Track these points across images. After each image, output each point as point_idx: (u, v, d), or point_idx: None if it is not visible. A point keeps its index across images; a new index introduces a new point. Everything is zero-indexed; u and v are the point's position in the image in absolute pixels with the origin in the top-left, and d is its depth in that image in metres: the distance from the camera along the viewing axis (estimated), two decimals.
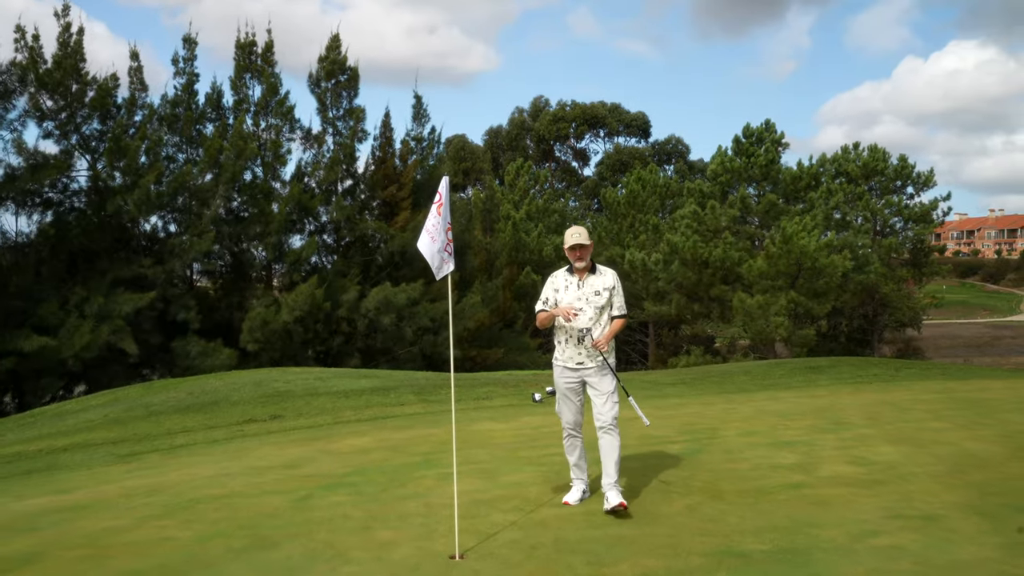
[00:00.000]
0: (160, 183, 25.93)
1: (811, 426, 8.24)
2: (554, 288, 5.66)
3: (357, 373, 14.18)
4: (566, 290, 5.59)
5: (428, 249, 5.03)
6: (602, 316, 5.57)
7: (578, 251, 5.52)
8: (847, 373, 13.41)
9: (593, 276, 5.62)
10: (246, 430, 9.42)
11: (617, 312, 5.64)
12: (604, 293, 5.56)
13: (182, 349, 24.98)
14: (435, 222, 5.05)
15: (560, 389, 5.67)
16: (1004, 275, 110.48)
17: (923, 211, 47.65)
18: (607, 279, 5.63)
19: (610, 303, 5.60)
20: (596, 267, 5.66)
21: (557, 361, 5.69)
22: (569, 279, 5.63)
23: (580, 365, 5.56)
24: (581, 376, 5.59)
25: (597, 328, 5.53)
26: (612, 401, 5.55)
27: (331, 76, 29.85)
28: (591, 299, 5.53)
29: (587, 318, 5.51)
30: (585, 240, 5.52)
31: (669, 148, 79.58)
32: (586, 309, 5.51)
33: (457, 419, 9.53)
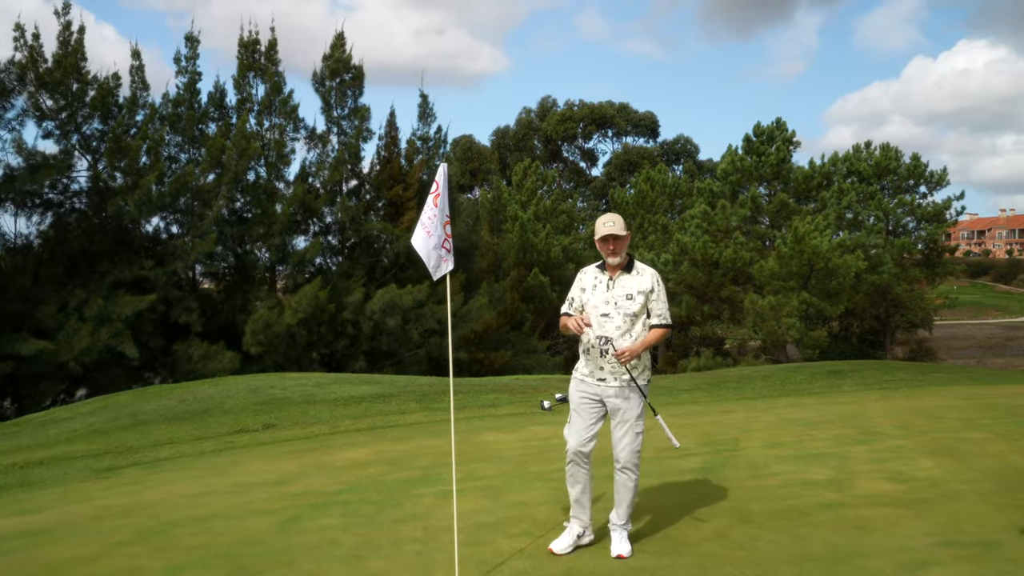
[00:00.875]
0: (162, 184, 25.48)
1: (840, 436, 7.70)
2: (581, 287, 4.88)
3: (357, 379, 13.64)
4: (594, 290, 4.79)
5: (423, 246, 4.51)
6: (635, 326, 4.69)
7: (611, 243, 4.69)
8: (871, 378, 12.84)
9: (627, 276, 4.76)
10: (236, 441, 8.90)
11: (657, 320, 4.78)
12: (638, 297, 4.70)
13: (184, 352, 24.54)
14: (431, 215, 4.53)
15: (573, 403, 4.83)
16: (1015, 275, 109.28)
17: (936, 210, 46.97)
18: (644, 280, 4.76)
19: (646, 309, 4.74)
20: (633, 264, 4.82)
21: (577, 373, 4.89)
22: (599, 277, 4.82)
23: (601, 382, 4.73)
24: (600, 394, 4.73)
25: (626, 339, 4.65)
26: (635, 432, 4.69)
27: (336, 75, 29.39)
28: (621, 303, 4.70)
29: (613, 326, 4.66)
30: (620, 230, 4.70)
31: (678, 148, 78.94)
32: (613, 315, 4.68)
33: (460, 429, 9.02)
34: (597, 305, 4.75)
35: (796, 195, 39.40)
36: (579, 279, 4.95)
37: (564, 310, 4.91)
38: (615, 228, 4.73)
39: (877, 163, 47.17)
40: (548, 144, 79.77)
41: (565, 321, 4.78)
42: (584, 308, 4.83)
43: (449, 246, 4.62)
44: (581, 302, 4.85)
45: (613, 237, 4.72)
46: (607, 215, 4.82)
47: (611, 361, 4.66)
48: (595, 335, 4.68)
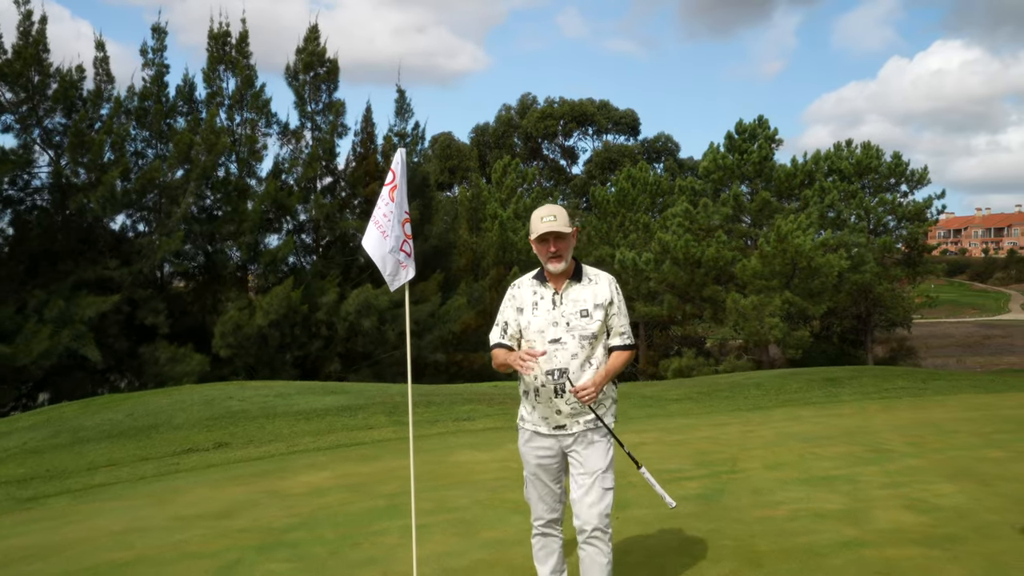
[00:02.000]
0: (128, 180, 24.56)
1: (847, 455, 7.06)
2: (516, 307, 3.75)
3: (323, 388, 12.83)
4: (535, 309, 3.66)
5: (377, 249, 3.80)
6: (595, 350, 3.64)
7: (552, 244, 3.60)
8: (870, 386, 12.26)
9: (578, 286, 3.69)
10: (182, 463, 8.13)
11: (619, 341, 3.71)
12: (596, 313, 3.63)
13: (150, 355, 23.64)
14: (387, 211, 3.82)
15: (528, 466, 3.79)
16: (992, 274, 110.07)
17: (917, 209, 46.83)
18: (601, 289, 3.70)
19: (606, 328, 3.69)
20: (583, 270, 3.74)
21: (523, 423, 3.79)
22: (540, 291, 3.71)
23: (560, 430, 3.66)
24: (561, 446, 3.70)
25: (587, 369, 3.60)
26: (602, 488, 3.62)
27: (309, 68, 28.51)
28: (574, 323, 3.61)
29: (568, 355, 3.59)
30: (563, 226, 3.58)
31: (659, 146, 78.49)
32: (566, 340, 3.60)
33: (432, 447, 8.30)
34: (543, 329, 3.64)
35: (778, 193, 38.99)
36: (511, 297, 3.80)
37: (494, 340, 3.80)
38: (557, 223, 3.59)
39: (858, 162, 46.92)
40: (528, 142, 79.07)
41: (499, 356, 3.72)
42: (522, 335, 3.72)
43: (409, 248, 3.90)
44: (518, 327, 3.74)
45: (555, 236, 3.60)
46: (545, 207, 3.71)
47: (570, 401, 3.61)
48: (544, 370, 3.60)
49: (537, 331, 3.67)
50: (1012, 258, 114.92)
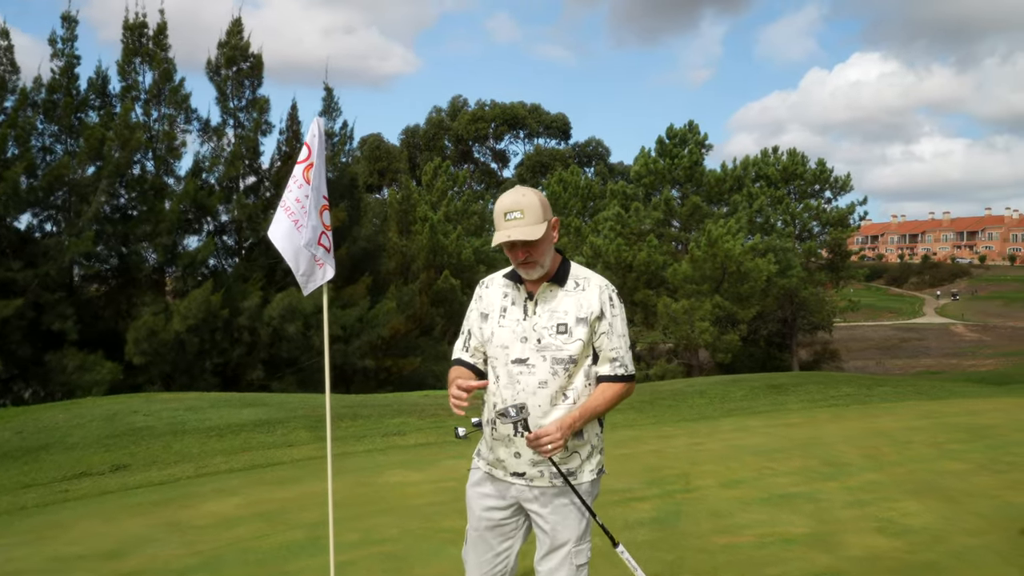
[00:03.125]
0: (34, 176, 23.09)
1: (804, 469, 6.67)
2: (481, 312, 2.97)
3: (241, 400, 11.95)
4: (503, 317, 2.87)
5: (287, 242, 3.15)
6: (573, 379, 2.79)
7: (519, 252, 2.78)
8: (816, 393, 12.02)
9: (559, 292, 2.83)
10: (73, 490, 7.27)
11: (608, 369, 2.84)
12: (578, 329, 2.78)
13: (57, 363, 22.21)
14: (300, 196, 3.16)
15: (472, 517, 2.98)
16: (907, 279, 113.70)
17: (840, 215, 47.91)
18: (588, 298, 2.83)
19: (591, 349, 2.83)
20: (569, 271, 2.88)
21: (476, 460, 3.03)
22: (512, 294, 2.90)
23: (519, 479, 2.85)
24: (517, 498, 2.88)
25: (558, 405, 2.76)
26: (574, 565, 2.85)
27: (232, 63, 27.34)
28: (547, 341, 2.78)
29: (534, 382, 2.76)
30: (531, 231, 2.72)
31: (589, 150, 78.75)
32: (534, 362, 2.77)
33: (359, 466, 7.62)
34: (507, 344, 2.82)
35: (708, 198, 39.31)
36: (477, 298, 3.02)
37: (455, 354, 3.02)
38: (524, 226, 2.73)
39: (785, 168, 47.76)
40: (459, 144, 78.45)
41: (450, 376, 2.93)
42: (486, 349, 2.93)
43: (328, 243, 3.24)
44: (482, 339, 2.95)
45: (523, 246, 2.76)
46: (508, 196, 2.80)
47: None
48: (500, 402, 2.78)
49: (500, 346, 2.84)
50: (926, 263, 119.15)
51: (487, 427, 2.93)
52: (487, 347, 2.91)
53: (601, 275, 2.95)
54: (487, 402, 2.91)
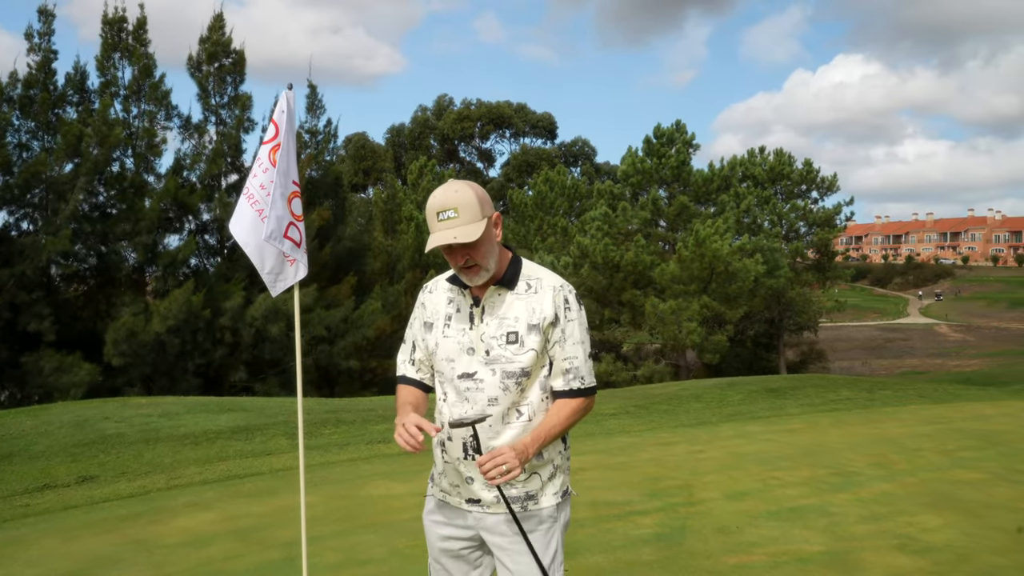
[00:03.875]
0: (10, 174, 22.55)
1: (811, 479, 6.37)
2: (424, 321, 2.66)
3: (219, 405, 11.50)
4: (447, 327, 2.56)
5: (251, 235, 2.79)
6: (526, 394, 2.48)
7: (457, 255, 2.46)
8: (815, 396, 11.74)
9: (508, 295, 2.51)
10: (34, 504, 6.85)
11: (562, 383, 2.52)
12: (530, 338, 2.46)
13: (34, 365, 21.69)
14: (265, 180, 2.80)
15: (431, 549, 2.68)
16: (891, 279, 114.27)
17: (826, 216, 47.91)
18: (540, 302, 2.50)
19: (546, 359, 2.51)
20: (519, 272, 2.55)
21: (431, 486, 2.73)
22: (457, 300, 2.59)
23: (474, 505, 2.55)
24: (475, 527, 2.57)
25: (511, 424, 2.46)
26: None
27: (214, 59, 26.86)
28: (497, 352, 2.46)
29: (483, 399, 2.46)
30: (468, 233, 2.39)
31: (576, 150, 78.51)
32: (483, 376, 2.47)
33: (342, 476, 7.25)
34: (452, 357, 2.53)
35: (696, 198, 39.11)
36: (420, 305, 2.73)
37: (401, 370, 2.73)
38: (459, 226, 2.40)
39: (771, 168, 47.71)
40: (444, 143, 78.03)
41: (398, 399, 2.67)
42: (432, 362, 2.63)
43: (299, 236, 2.87)
44: (425, 351, 2.65)
45: (461, 248, 2.45)
46: (440, 193, 2.46)
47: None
48: (449, 420, 2.47)
49: (446, 359, 2.54)
50: (910, 264, 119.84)
51: (436, 448, 2.62)
52: (433, 360, 2.61)
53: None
54: (435, 421, 2.60)
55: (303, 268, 2.88)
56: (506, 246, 2.60)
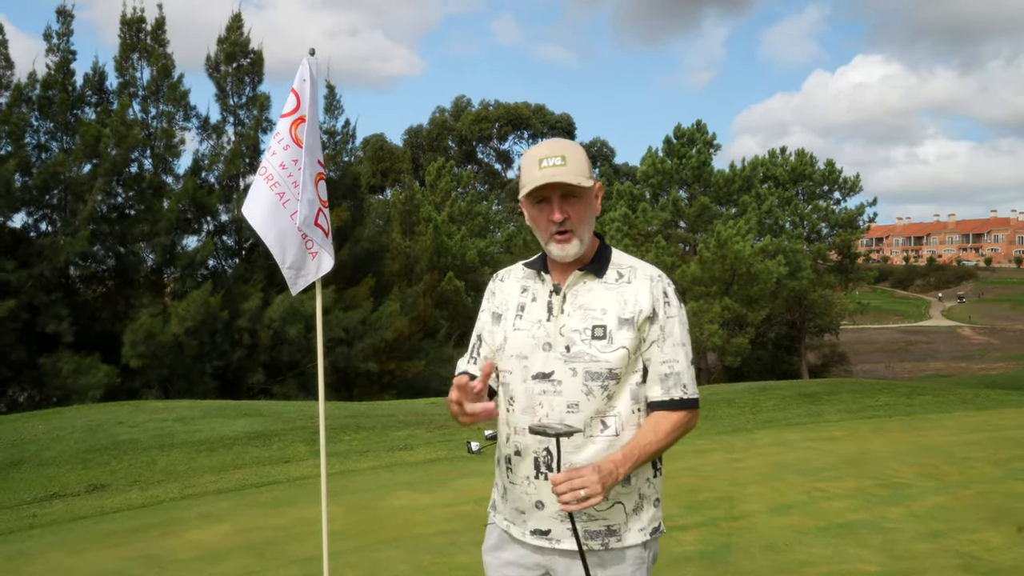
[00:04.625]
0: (29, 175, 22.48)
1: (859, 491, 6.02)
2: (494, 312, 2.28)
3: (236, 409, 11.23)
4: (519, 318, 2.18)
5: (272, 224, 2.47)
6: (614, 402, 2.09)
7: (556, 206, 2.08)
8: (853, 402, 11.33)
9: (596, 284, 2.15)
10: (42, 514, 6.59)
11: (659, 391, 2.12)
12: (621, 334, 2.08)
13: (52, 366, 21.58)
14: (287, 159, 2.47)
15: None
16: (912, 281, 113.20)
17: (849, 216, 47.28)
18: (635, 293, 2.13)
19: (638, 361, 2.12)
20: (609, 258, 2.21)
21: (493, 514, 2.32)
22: (533, 287, 2.22)
23: (542, 537, 2.13)
24: (545, 566, 2.17)
25: (595, 437, 2.08)
26: None
27: (232, 59, 26.71)
28: (579, 348, 2.09)
29: (562, 404, 2.07)
30: (575, 174, 2.06)
31: (594, 151, 78.12)
32: (561, 377, 2.08)
33: (362, 486, 6.95)
34: (525, 353, 2.14)
35: (717, 199, 38.71)
36: (490, 295, 2.33)
37: (460, 366, 2.33)
38: (567, 170, 2.05)
39: (793, 168, 47.14)
40: (463, 144, 77.85)
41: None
42: (499, 360, 2.22)
43: (326, 224, 2.54)
44: (494, 346, 2.25)
45: (563, 189, 2.07)
46: (545, 144, 2.13)
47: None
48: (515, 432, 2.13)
49: (516, 356, 2.14)
50: (932, 266, 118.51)
51: (500, 466, 2.24)
52: (499, 358, 2.20)
53: (655, 266, 2.24)
54: (500, 433, 2.23)
55: (328, 261, 2.58)
56: (595, 233, 2.23)
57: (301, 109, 2.43)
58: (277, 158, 2.42)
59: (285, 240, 2.42)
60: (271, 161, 2.43)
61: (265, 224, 2.40)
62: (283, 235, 2.42)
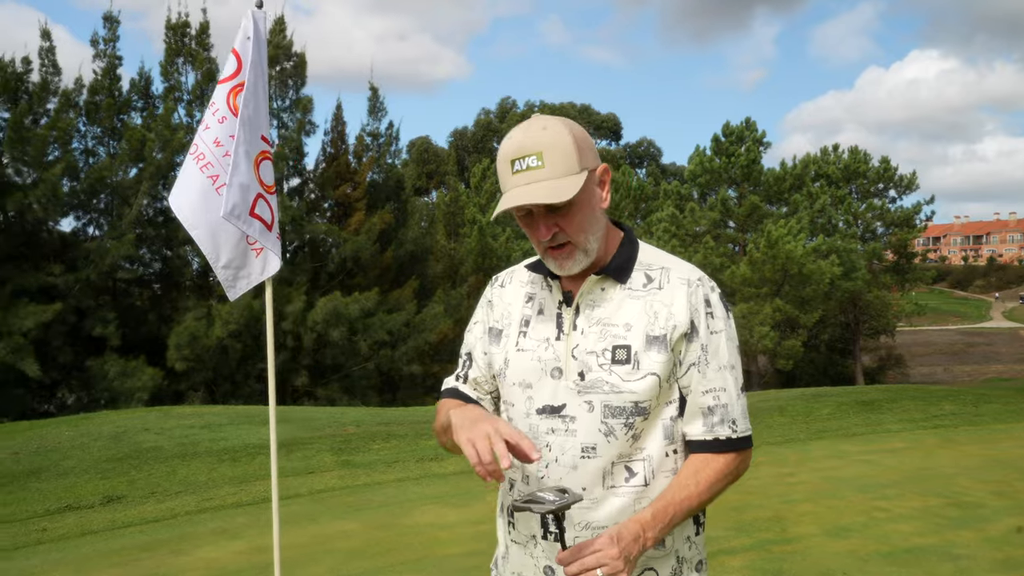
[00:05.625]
0: (76, 179, 22.75)
1: (925, 511, 5.48)
2: (492, 327, 1.84)
3: (264, 415, 10.94)
4: (523, 336, 1.75)
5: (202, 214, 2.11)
6: (641, 444, 1.65)
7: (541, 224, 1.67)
8: (915, 411, 10.66)
9: (617, 290, 1.69)
10: (51, 528, 6.35)
11: (703, 428, 1.67)
12: (651, 353, 1.62)
13: (99, 369, 21.79)
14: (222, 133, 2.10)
15: None
16: (972, 281, 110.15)
17: (905, 215, 45.89)
18: (668, 302, 1.67)
19: (673, 390, 1.67)
20: (634, 256, 1.74)
21: (494, 571, 1.91)
22: (540, 296, 1.78)
23: None
24: None
25: (618, 489, 1.64)
26: None
27: (275, 62, 26.76)
28: (595, 376, 1.64)
29: (576, 446, 1.63)
30: (556, 191, 1.59)
31: (641, 151, 77.35)
32: (575, 412, 1.65)
33: (387, 499, 6.59)
34: (529, 380, 1.72)
35: (767, 198, 37.85)
36: (485, 304, 1.90)
37: (447, 383, 1.92)
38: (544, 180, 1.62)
39: (846, 166, 45.93)
40: None
41: (440, 415, 1.80)
42: (499, 387, 1.82)
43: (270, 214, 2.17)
44: (488, 367, 1.84)
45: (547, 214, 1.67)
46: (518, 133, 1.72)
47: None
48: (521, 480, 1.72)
49: (518, 384, 1.72)
50: (992, 266, 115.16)
51: (502, 517, 1.84)
52: (500, 384, 1.78)
53: (694, 266, 1.76)
54: (502, 484, 1.80)
55: (275, 261, 2.22)
56: (617, 223, 1.82)
57: (242, 74, 2.04)
58: (211, 133, 2.06)
59: (219, 234, 2.06)
60: (204, 137, 2.06)
61: (194, 215, 2.03)
62: (216, 228, 2.05)
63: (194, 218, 2.07)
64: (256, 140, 2.09)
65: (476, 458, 1.48)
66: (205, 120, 2.10)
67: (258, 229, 2.12)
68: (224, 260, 2.13)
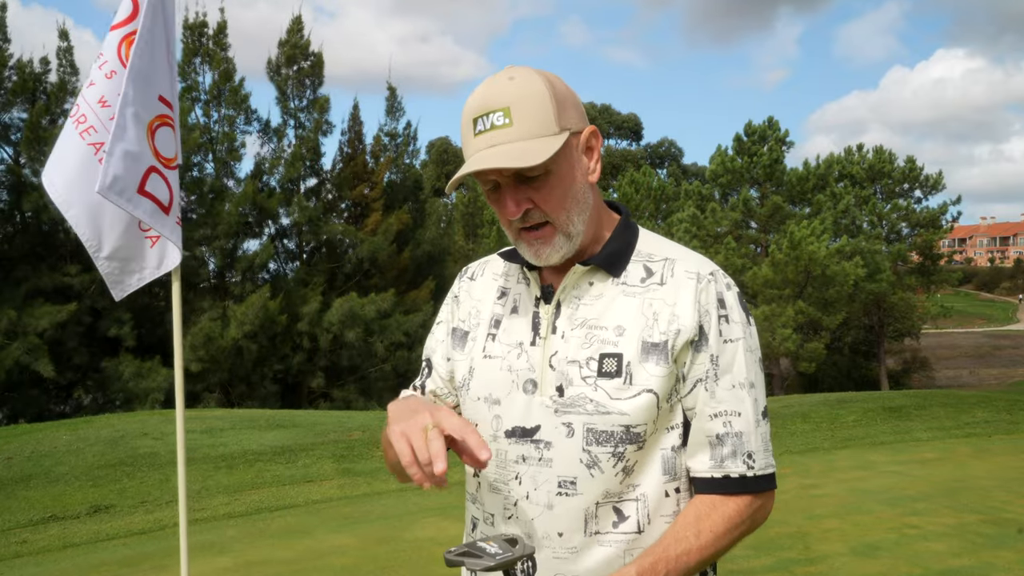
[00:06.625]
0: None
1: (960, 528, 5.11)
2: (456, 327, 1.54)
3: (268, 419, 10.65)
4: (492, 339, 1.44)
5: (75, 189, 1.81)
6: (634, 479, 1.33)
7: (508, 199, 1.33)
8: (946, 418, 10.22)
9: (608, 285, 1.37)
10: (32, 540, 6.09)
11: (710, 463, 1.34)
12: (647, 365, 1.30)
13: (114, 370, 21.74)
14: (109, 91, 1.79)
15: None
16: (998, 283, 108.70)
17: (931, 216, 45.16)
18: (671, 299, 1.33)
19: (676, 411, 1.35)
20: (631, 244, 1.43)
21: None
22: (515, 292, 1.45)
23: None
24: None
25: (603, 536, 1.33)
26: None
27: (292, 62, 26.69)
28: (578, 387, 1.33)
29: (552, 480, 1.32)
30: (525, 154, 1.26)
31: (662, 151, 76.78)
32: (551, 438, 1.33)
33: (386, 511, 6.31)
34: (496, 395, 1.40)
35: (790, 198, 37.34)
36: (452, 298, 1.60)
37: (403, 394, 1.59)
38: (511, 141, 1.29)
39: (870, 166, 45.30)
40: None
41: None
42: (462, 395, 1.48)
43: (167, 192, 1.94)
44: (450, 374, 1.53)
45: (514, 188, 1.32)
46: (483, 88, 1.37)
47: None
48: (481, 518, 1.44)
49: (484, 399, 1.42)
50: (1019, 267, 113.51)
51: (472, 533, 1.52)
52: (462, 399, 1.47)
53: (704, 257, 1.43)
54: (466, 512, 1.51)
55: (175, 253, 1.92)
56: (612, 205, 1.50)
57: (137, 20, 1.72)
58: (95, 91, 1.75)
59: (100, 216, 1.75)
60: (87, 96, 1.73)
61: (69, 191, 1.71)
62: (98, 209, 1.73)
63: (69, 195, 1.74)
64: (152, 101, 1.78)
65: (410, 456, 1.19)
66: (91, 76, 1.76)
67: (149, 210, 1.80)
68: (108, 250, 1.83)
